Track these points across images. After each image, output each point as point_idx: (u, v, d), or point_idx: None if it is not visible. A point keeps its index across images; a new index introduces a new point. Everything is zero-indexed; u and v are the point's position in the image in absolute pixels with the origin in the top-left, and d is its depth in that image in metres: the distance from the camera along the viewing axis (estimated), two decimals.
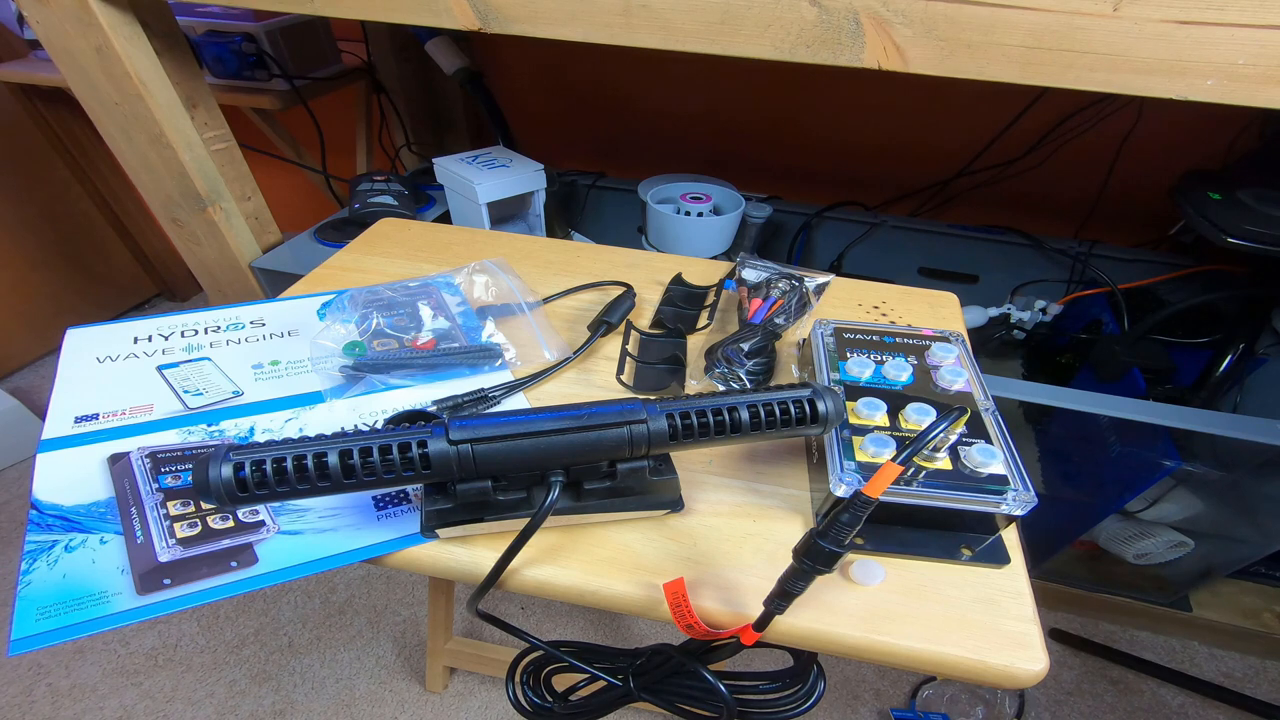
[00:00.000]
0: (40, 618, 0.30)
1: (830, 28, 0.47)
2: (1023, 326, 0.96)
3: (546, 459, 0.29)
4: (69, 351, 0.45)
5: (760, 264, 0.54)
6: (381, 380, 0.44)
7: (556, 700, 0.45)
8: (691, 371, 0.47)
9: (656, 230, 0.96)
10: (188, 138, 0.71)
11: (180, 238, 0.80)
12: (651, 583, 0.32)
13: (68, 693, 0.86)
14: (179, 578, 0.32)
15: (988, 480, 0.32)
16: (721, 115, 1.19)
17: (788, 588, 0.28)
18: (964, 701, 0.87)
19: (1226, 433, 0.62)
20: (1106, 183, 1.05)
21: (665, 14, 0.50)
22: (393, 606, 0.98)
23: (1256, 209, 0.71)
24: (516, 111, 1.13)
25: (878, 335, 0.42)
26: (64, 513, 0.35)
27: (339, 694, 0.87)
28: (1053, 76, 0.46)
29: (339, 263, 0.59)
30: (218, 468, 0.26)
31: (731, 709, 0.35)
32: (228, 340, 0.48)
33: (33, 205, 1.31)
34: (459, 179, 0.83)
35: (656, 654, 0.37)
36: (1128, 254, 0.99)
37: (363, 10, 0.55)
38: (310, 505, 0.35)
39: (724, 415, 0.30)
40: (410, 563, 0.34)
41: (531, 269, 0.59)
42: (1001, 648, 0.30)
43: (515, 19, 0.53)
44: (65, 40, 0.62)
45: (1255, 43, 0.41)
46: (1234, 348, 0.79)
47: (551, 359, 0.47)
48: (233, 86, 1.05)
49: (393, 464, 0.27)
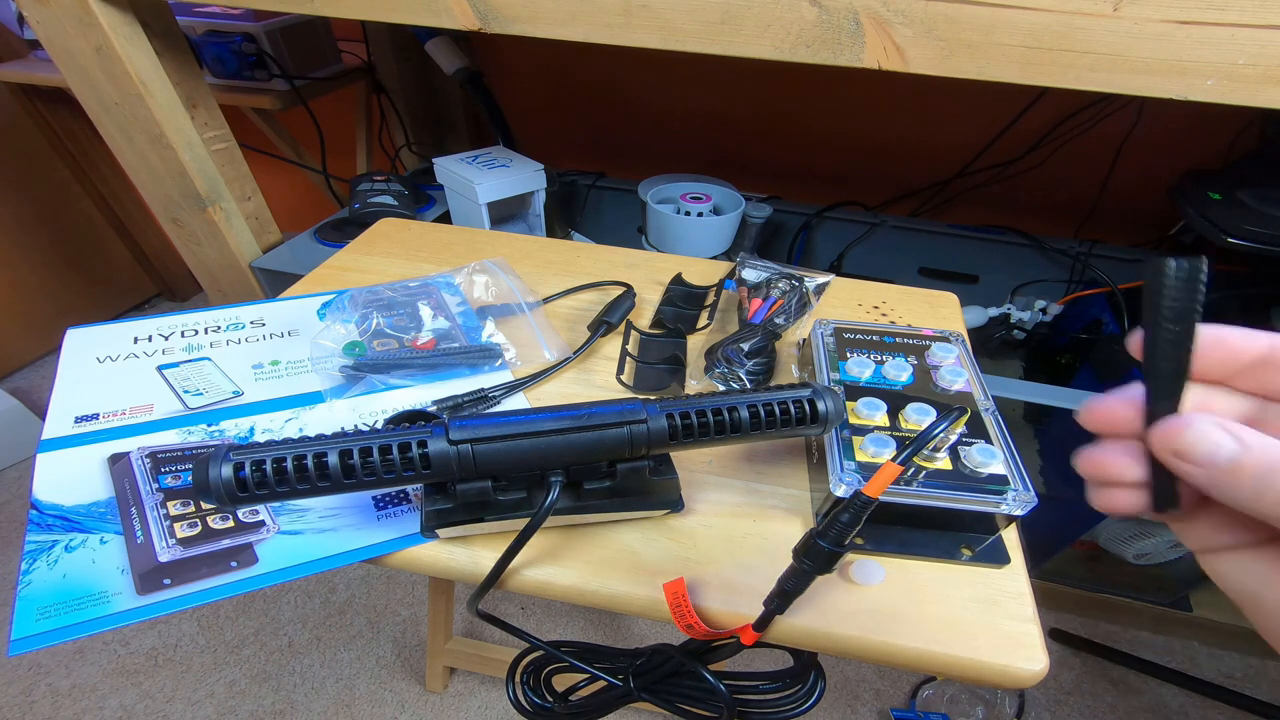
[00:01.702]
0: (40, 618, 0.30)
1: (830, 28, 0.47)
2: (1023, 326, 0.96)
3: (546, 459, 0.29)
4: (69, 351, 0.45)
5: (760, 264, 0.54)
6: (381, 380, 0.44)
7: (556, 700, 0.45)
8: (691, 371, 0.47)
9: (656, 230, 0.96)
10: (188, 138, 0.71)
11: (180, 238, 0.80)
12: (651, 583, 0.32)
13: (68, 693, 0.86)
14: (179, 578, 0.32)
15: (988, 480, 0.32)
16: (722, 115, 1.19)
17: (787, 588, 0.28)
18: (964, 701, 0.87)
19: None
20: (1106, 183, 1.05)
21: (665, 14, 0.50)
22: (393, 606, 0.98)
23: (1256, 209, 0.71)
24: (516, 111, 1.13)
25: (878, 335, 0.42)
26: (64, 513, 0.35)
27: (339, 694, 0.87)
28: (1053, 76, 0.46)
29: (339, 263, 0.59)
30: (218, 468, 0.26)
31: (731, 709, 0.35)
32: (228, 340, 0.48)
33: (33, 205, 1.31)
34: (459, 179, 0.83)
35: (656, 654, 0.37)
36: (1128, 254, 0.99)
37: (363, 10, 0.55)
38: (310, 505, 0.35)
39: (724, 415, 0.30)
40: (410, 563, 0.34)
41: (531, 269, 0.59)
42: (1001, 648, 0.30)
43: (515, 19, 0.53)
44: (65, 40, 0.62)
45: (1255, 43, 0.41)
46: None
47: (551, 359, 0.47)
48: (233, 86, 1.05)
49: (393, 464, 0.27)
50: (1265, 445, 0.16)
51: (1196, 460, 0.17)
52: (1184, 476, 0.18)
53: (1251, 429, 0.17)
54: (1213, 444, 0.17)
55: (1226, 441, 0.17)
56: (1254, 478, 0.16)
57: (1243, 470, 0.16)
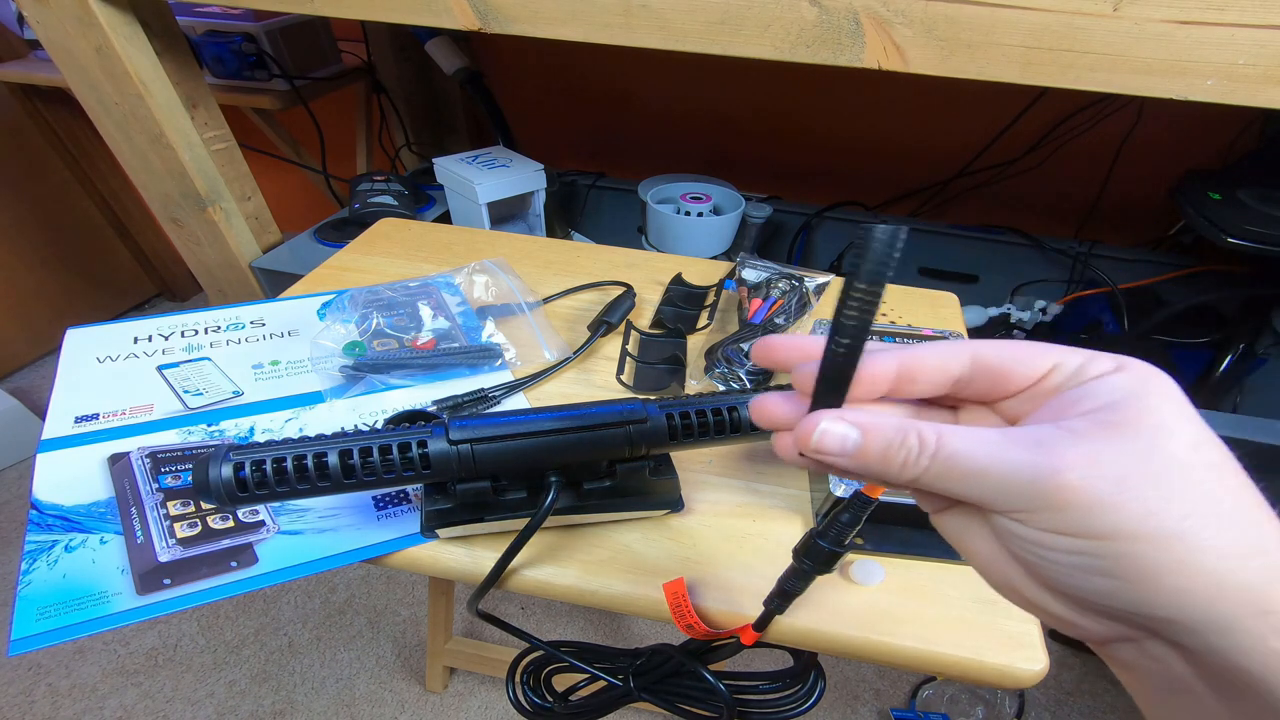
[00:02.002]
0: (40, 618, 0.30)
1: (830, 28, 0.47)
2: (1023, 326, 0.96)
3: (546, 459, 0.29)
4: (69, 351, 0.45)
5: (760, 264, 0.54)
6: (381, 380, 0.44)
7: (556, 700, 0.45)
8: (691, 371, 0.47)
9: (656, 230, 0.96)
10: (188, 138, 0.71)
11: (180, 238, 0.80)
12: (651, 583, 0.32)
13: (68, 693, 0.86)
14: (179, 578, 0.32)
15: None
16: (722, 115, 1.19)
17: (787, 588, 0.28)
18: (964, 701, 0.87)
19: (1226, 433, 0.61)
20: (1106, 183, 1.05)
21: (665, 14, 0.50)
22: (393, 606, 0.98)
23: (1256, 209, 0.71)
24: (516, 111, 1.13)
25: (878, 335, 0.42)
26: (64, 513, 0.35)
27: (339, 694, 0.87)
28: (1053, 76, 0.46)
29: (339, 263, 0.59)
30: (218, 468, 0.26)
31: (731, 709, 0.35)
32: (228, 340, 0.48)
33: (33, 205, 1.31)
34: (459, 179, 0.83)
35: (656, 654, 0.37)
36: (1128, 254, 0.99)
37: (363, 10, 0.55)
38: (310, 505, 0.35)
39: (724, 415, 0.30)
40: (410, 563, 0.34)
41: (531, 269, 0.59)
42: (1001, 648, 0.30)
43: (515, 19, 0.53)
44: (65, 40, 0.62)
45: (1255, 43, 0.41)
46: (1234, 348, 0.79)
47: (551, 359, 0.47)
48: (233, 86, 1.05)
49: (393, 464, 0.27)
50: (880, 425, 0.18)
51: (831, 453, 0.18)
52: (832, 469, 0.19)
53: (872, 413, 0.19)
54: (839, 436, 0.18)
55: (851, 432, 0.18)
56: (879, 459, 0.18)
57: (868, 454, 0.18)
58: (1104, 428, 0.16)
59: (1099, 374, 0.17)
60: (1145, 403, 0.16)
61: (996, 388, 0.19)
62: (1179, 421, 0.16)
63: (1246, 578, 0.14)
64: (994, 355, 0.19)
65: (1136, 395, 0.16)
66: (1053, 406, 0.17)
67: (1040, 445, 0.16)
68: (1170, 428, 0.16)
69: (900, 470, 0.18)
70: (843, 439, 0.18)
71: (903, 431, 0.18)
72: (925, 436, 0.17)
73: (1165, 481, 0.15)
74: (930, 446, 0.17)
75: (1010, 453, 0.16)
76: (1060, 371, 0.18)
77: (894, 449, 0.18)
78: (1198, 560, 0.14)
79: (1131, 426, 0.16)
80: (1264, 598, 0.14)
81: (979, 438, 0.17)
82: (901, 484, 0.19)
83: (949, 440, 0.17)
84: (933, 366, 0.19)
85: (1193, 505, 0.15)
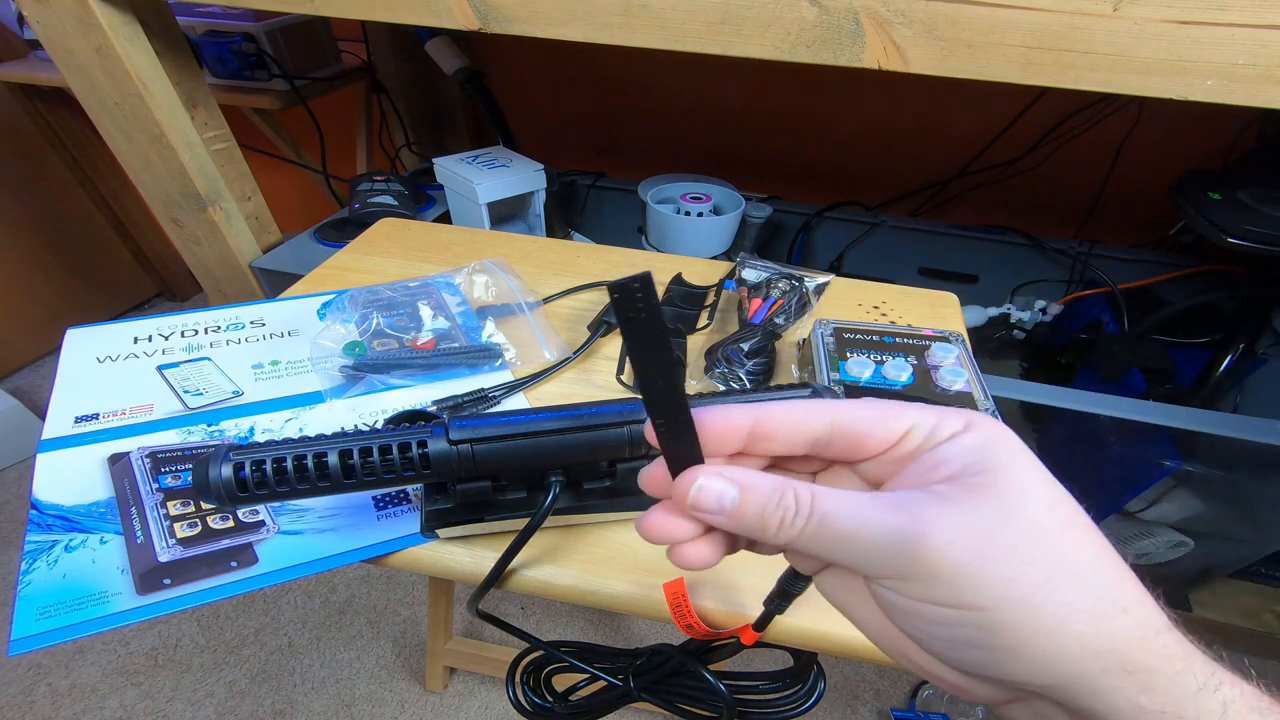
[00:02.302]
0: (40, 618, 0.30)
1: (830, 28, 0.47)
2: (1023, 326, 0.96)
3: (546, 459, 0.29)
4: (69, 351, 0.45)
5: (760, 264, 0.54)
6: (381, 380, 0.44)
7: (556, 700, 0.45)
8: (691, 371, 0.47)
9: (656, 230, 0.96)
10: (188, 138, 0.71)
11: (180, 238, 0.80)
12: (651, 583, 0.32)
13: (68, 693, 0.86)
14: (179, 578, 0.32)
15: None
16: (722, 114, 1.19)
17: (788, 588, 0.28)
18: (964, 701, 0.87)
19: (1226, 433, 0.62)
20: (1106, 183, 1.05)
21: (665, 14, 0.50)
22: (393, 606, 0.98)
23: (1256, 209, 0.71)
24: (516, 111, 1.13)
25: (878, 335, 0.42)
26: (64, 513, 0.35)
27: (339, 694, 0.87)
28: (1053, 76, 0.46)
29: (339, 263, 0.59)
30: (218, 468, 0.26)
31: (731, 709, 0.35)
32: (228, 340, 0.48)
33: (33, 205, 1.31)
34: (459, 179, 0.83)
35: (656, 654, 0.37)
36: (1128, 254, 0.99)
37: (363, 10, 0.55)
38: (310, 505, 0.35)
39: None
40: (410, 563, 0.34)
41: (531, 269, 0.59)
42: None
43: (515, 19, 0.53)
44: (65, 40, 0.62)
45: (1255, 43, 0.41)
46: (1234, 348, 0.79)
47: (551, 359, 0.47)
48: (233, 86, 1.05)
49: (393, 464, 0.27)
50: (758, 484, 0.17)
51: (709, 510, 0.18)
52: (711, 524, 0.19)
53: (751, 470, 0.18)
54: (716, 494, 0.17)
55: (729, 489, 0.17)
56: (756, 518, 0.17)
57: (745, 511, 0.17)
58: (964, 490, 0.16)
59: (950, 435, 0.17)
60: (999, 464, 0.16)
61: (856, 450, 0.18)
62: (1032, 484, 0.16)
63: (1111, 638, 0.15)
64: (850, 418, 0.18)
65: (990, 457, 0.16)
66: (913, 471, 0.17)
67: (904, 509, 0.16)
68: (1025, 490, 0.16)
69: (777, 531, 0.17)
70: (719, 496, 0.18)
71: (780, 490, 0.17)
72: (801, 496, 0.17)
73: (1023, 547, 0.15)
74: (805, 507, 0.17)
75: (879, 516, 0.16)
76: (916, 434, 0.18)
77: (771, 509, 0.17)
78: (1061, 626, 0.14)
79: (989, 490, 0.16)
80: (1128, 658, 0.14)
81: (850, 500, 0.17)
82: (778, 545, 0.18)
83: (822, 501, 0.17)
84: (788, 425, 0.19)
85: (1051, 569, 0.15)
